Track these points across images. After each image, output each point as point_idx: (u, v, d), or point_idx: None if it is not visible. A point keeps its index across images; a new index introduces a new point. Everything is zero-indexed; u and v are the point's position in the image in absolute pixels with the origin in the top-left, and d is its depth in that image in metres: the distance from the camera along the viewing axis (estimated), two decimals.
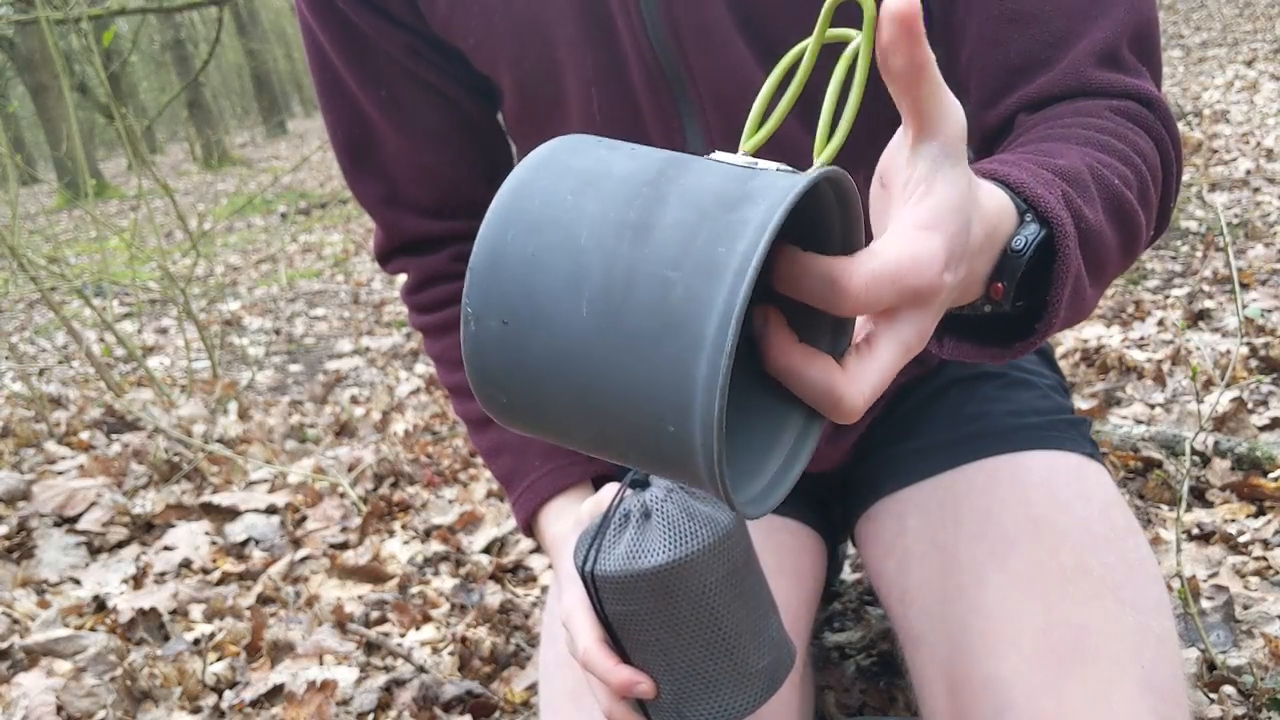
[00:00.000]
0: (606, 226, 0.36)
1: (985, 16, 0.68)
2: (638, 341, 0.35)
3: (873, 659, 1.29)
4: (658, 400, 0.35)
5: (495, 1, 0.74)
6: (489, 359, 0.38)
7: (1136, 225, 0.60)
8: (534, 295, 0.37)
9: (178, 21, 15.49)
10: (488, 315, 0.38)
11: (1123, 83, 0.66)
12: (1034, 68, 0.67)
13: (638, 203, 0.36)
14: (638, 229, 0.36)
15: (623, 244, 0.36)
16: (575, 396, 0.37)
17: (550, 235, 0.37)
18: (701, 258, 0.35)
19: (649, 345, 0.35)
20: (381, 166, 0.88)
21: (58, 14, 4.33)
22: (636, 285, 0.35)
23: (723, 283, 0.34)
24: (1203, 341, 2.23)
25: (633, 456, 0.38)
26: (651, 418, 0.36)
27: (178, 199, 3.49)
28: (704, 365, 0.34)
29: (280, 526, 1.93)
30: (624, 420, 0.37)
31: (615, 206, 0.37)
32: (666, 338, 0.35)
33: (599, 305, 0.36)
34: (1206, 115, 4.84)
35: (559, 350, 0.37)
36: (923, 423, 0.92)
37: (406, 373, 3.11)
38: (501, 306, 0.37)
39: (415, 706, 1.30)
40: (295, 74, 25.15)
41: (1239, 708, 1.10)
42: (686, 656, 0.63)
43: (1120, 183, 0.59)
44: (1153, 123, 0.66)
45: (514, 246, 0.37)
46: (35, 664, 1.49)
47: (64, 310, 3.29)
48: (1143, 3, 0.67)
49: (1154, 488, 1.59)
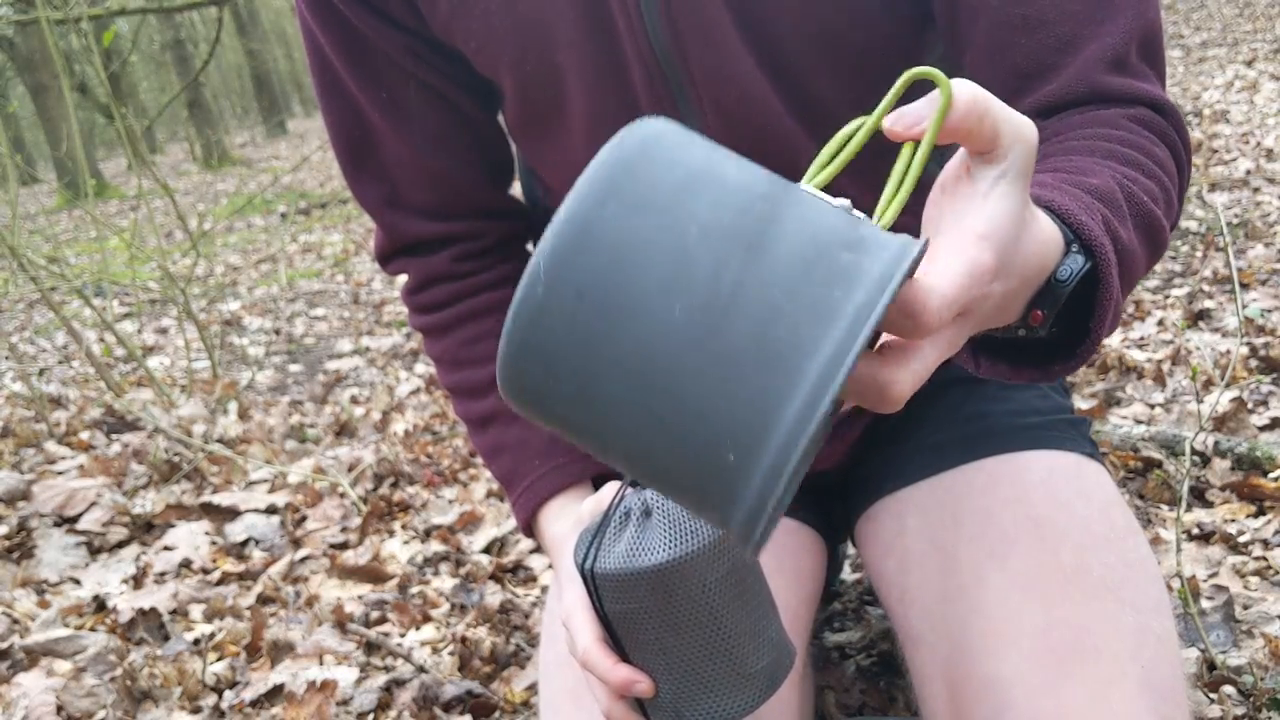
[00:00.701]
0: (719, 232, 0.34)
1: (991, 22, 0.68)
2: (727, 362, 0.33)
3: (873, 659, 1.29)
4: (727, 427, 0.34)
5: (496, 4, 0.74)
6: (545, 330, 0.35)
7: (1162, 239, 0.61)
8: (624, 280, 0.34)
9: (178, 21, 15.49)
10: (563, 284, 0.35)
11: (1134, 88, 0.66)
12: (1042, 73, 0.67)
13: (752, 216, 0.35)
14: (751, 245, 0.34)
15: (734, 256, 0.34)
16: (633, 395, 0.35)
17: (655, 221, 0.35)
18: (816, 296, 0.33)
19: (739, 368, 0.33)
20: (382, 168, 0.88)
21: (58, 14, 4.33)
22: (742, 304, 0.34)
23: (834, 329, 0.33)
24: (1203, 341, 2.23)
25: (654, 472, 0.36)
26: (711, 442, 0.34)
27: (178, 199, 3.49)
28: (794, 408, 0.33)
29: (280, 526, 1.93)
30: (678, 435, 0.35)
31: (729, 214, 0.35)
32: (761, 368, 0.33)
33: (696, 313, 0.34)
34: (1206, 115, 4.84)
35: (636, 344, 0.34)
36: (922, 422, 0.92)
37: (406, 373, 3.11)
38: (582, 280, 0.35)
39: (415, 706, 1.30)
40: (295, 74, 25.16)
41: (1239, 708, 1.10)
42: (686, 656, 0.63)
43: (1149, 199, 0.59)
44: (1166, 129, 0.66)
45: (611, 222, 0.35)
46: (35, 664, 1.49)
47: (64, 310, 3.29)
48: (1148, 7, 0.67)
49: (1154, 488, 1.59)
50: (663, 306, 0.34)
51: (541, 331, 0.35)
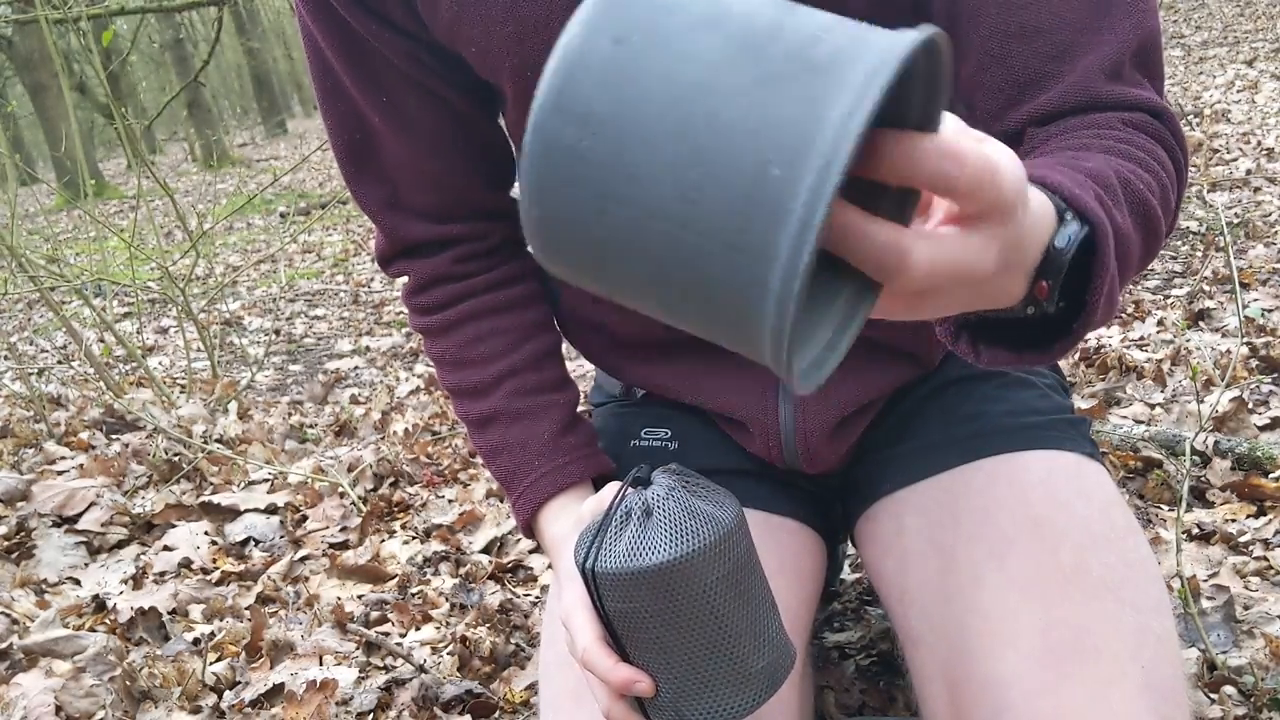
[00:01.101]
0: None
1: (988, 31, 0.68)
2: (768, 80, 0.33)
3: (872, 659, 1.29)
4: (774, 138, 0.33)
5: (498, 11, 0.74)
6: (580, 78, 0.34)
7: (1158, 230, 0.61)
8: (664, 20, 0.34)
9: (177, 21, 15.50)
10: (600, 29, 0.34)
11: (1131, 95, 0.66)
12: (1040, 81, 0.67)
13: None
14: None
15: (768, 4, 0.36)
16: (678, 129, 0.34)
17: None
18: (850, 31, 0.35)
19: (780, 82, 0.33)
20: (382, 171, 0.88)
21: (57, 14, 4.33)
22: (785, 32, 0.34)
23: (872, 47, 0.34)
24: (1203, 341, 2.23)
25: (694, 222, 0.34)
26: (756, 157, 0.33)
27: (177, 199, 3.49)
28: (842, 105, 0.33)
29: (280, 526, 1.93)
30: (722, 159, 0.33)
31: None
32: (805, 77, 0.33)
33: (736, 41, 0.34)
34: (1207, 115, 4.84)
35: (678, 78, 0.34)
36: (921, 423, 0.92)
37: (406, 373, 3.11)
38: (620, 22, 0.34)
39: (415, 706, 1.30)
40: (295, 74, 25.15)
41: (1239, 708, 1.10)
42: (686, 655, 0.63)
43: (1145, 189, 0.59)
44: (1164, 133, 0.66)
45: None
46: (34, 664, 1.49)
47: (63, 310, 3.29)
48: (1146, 15, 0.67)
49: (1154, 488, 1.59)
50: (706, 42, 0.34)
51: (574, 79, 0.34)
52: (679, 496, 0.63)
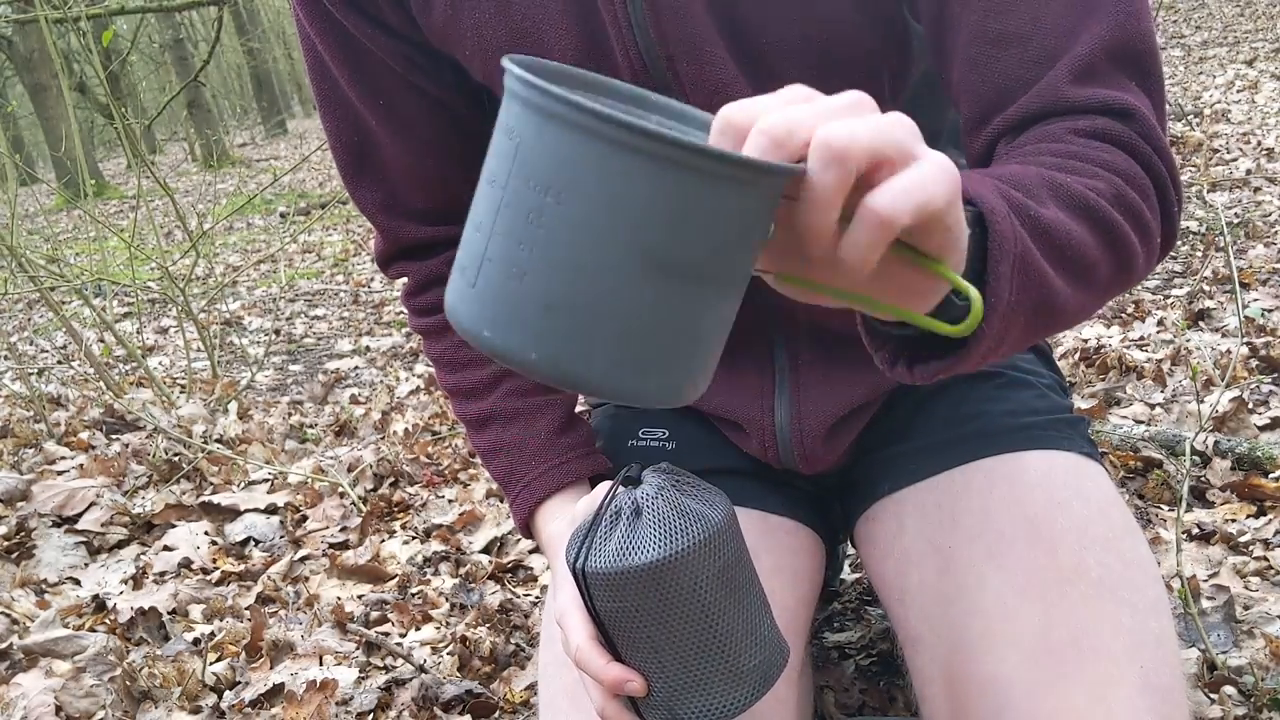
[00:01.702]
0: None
1: (970, 38, 0.67)
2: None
3: (872, 659, 1.29)
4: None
5: (489, 15, 0.74)
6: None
7: (1117, 227, 0.59)
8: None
9: (177, 21, 15.50)
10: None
11: (1098, 96, 0.64)
12: (1016, 89, 0.66)
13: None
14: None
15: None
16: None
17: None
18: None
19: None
20: (381, 174, 0.88)
21: (57, 14, 4.33)
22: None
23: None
24: (1203, 341, 2.23)
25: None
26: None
27: (177, 199, 3.49)
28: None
29: (280, 526, 1.93)
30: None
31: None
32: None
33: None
34: (1207, 115, 4.84)
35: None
36: (920, 423, 0.92)
37: (406, 373, 3.11)
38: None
39: (415, 706, 1.30)
40: (295, 74, 25.15)
41: (1239, 708, 1.10)
42: (678, 654, 0.63)
43: (1090, 191, 0.58)
44: (1127, 136, 0.63)
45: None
46: (34, 664, 1.49)
47: (63, 310, 3.29)
48: (1130, 16, 0.65)
49: (1154, 488, 1.59)
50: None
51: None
52: (669, 495, 0.63)
